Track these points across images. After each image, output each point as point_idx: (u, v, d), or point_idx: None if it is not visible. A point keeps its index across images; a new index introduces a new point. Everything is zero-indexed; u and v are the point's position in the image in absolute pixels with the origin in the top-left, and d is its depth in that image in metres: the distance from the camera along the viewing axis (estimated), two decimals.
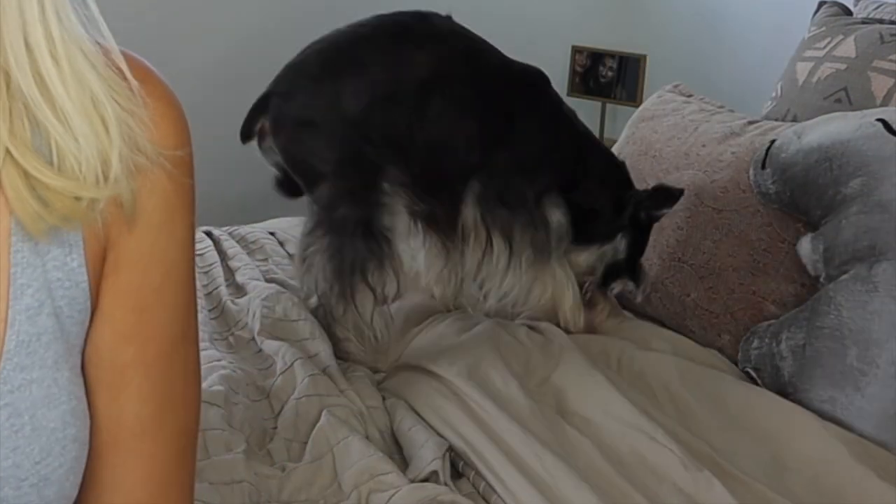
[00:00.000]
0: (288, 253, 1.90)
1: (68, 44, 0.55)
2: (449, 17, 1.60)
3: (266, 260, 1.84)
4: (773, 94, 1.93)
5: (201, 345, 1.50)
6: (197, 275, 1.72)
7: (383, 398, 1.38)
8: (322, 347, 1.47)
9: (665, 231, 1.70)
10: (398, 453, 1.27)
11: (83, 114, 0.56)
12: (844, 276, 1.39)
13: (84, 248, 0.60)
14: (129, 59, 0.61)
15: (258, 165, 2.77)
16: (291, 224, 2.02)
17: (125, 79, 0.58)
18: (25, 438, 0.57)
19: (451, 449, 1.25)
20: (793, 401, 1.40)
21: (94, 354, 0.62)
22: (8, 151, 0.54)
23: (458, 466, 1.25)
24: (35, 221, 0.56)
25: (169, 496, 0.66)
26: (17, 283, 0.57)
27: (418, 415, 1.32)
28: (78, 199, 0.56)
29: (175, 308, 0.64)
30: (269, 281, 1.73)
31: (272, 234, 1.97)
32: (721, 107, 1.89)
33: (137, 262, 0.61)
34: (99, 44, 0.58)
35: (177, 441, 0.65)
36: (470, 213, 1.54)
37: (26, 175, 0.55)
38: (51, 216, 0.56)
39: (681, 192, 1.61)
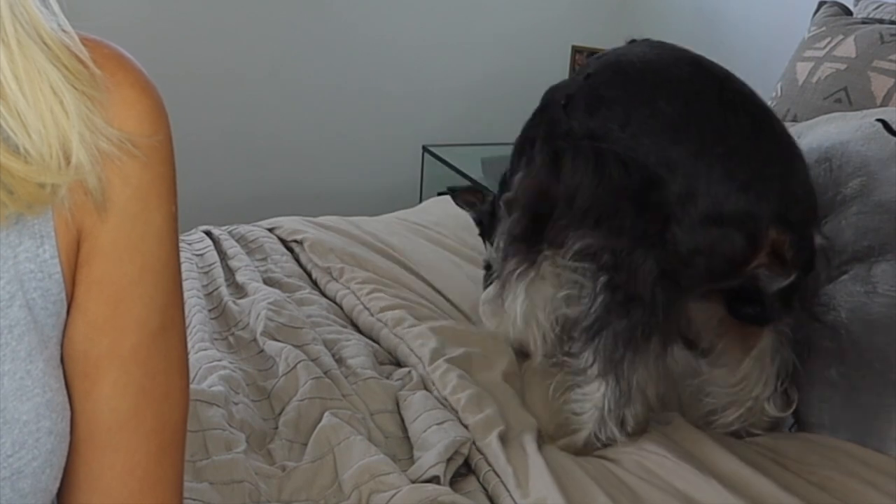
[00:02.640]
0: (288, 249, 1.89)
1: (22, 36, 0.55)
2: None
3: (265, 259, 1.84)
4: (773, 94, 1.93)
5: (201, 345, 1.51)
6: (197, 275, 1.73)
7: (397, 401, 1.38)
8: (324, 352, 1.47)
9: None
10: (403, 455, 1.27)
11: (40, 106, 0.55)
12: (844, 276, 1.39)
13: (56, 240, 0.59)
14: (101, 48, 0.61)
15: (258, 165, 2.78)
16: (292, 222, 2.02)
17: (88, 67, 0.58)
18: None
19: (473, 443, 1.26)
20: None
21: (70, 346, 0.62)
22: None
23: (471, 463, 1.25)
24: None
25: (152, 494, 0.64)
26: None
27: (444, 406, 1.33)
28: (41, 185, 0.56)
29: (153, 301, 0.63)
30: (265, 281, 1.73)
31: (270, 229, 1.97)
32: None
33: (111, 253, 0.61)
34: (64, 32, 0.58)
35: (158, 437, 0.64)
36: None
37: None
38: (14, 203, 0.56)
39: None
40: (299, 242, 1.88)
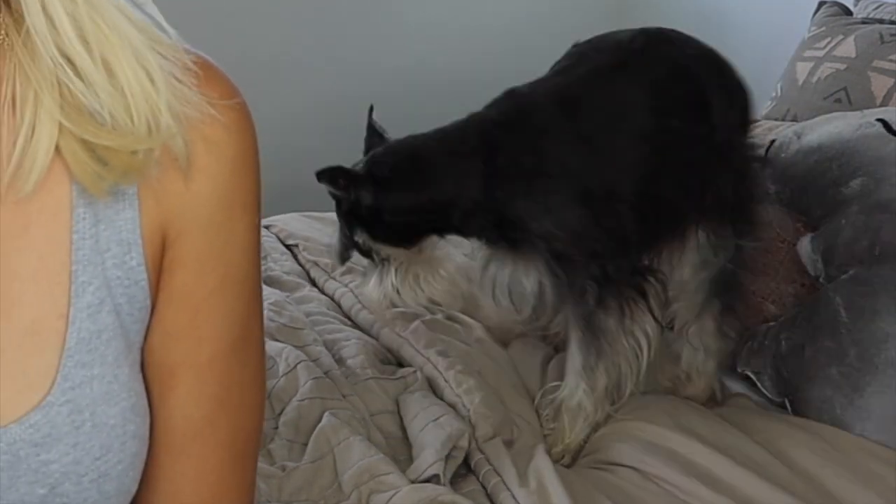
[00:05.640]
0: (289, 249, 1.89)
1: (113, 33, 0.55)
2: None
3: (265, 258, 1.84)
4: (773, 94, 1.94)
5: None
6: None
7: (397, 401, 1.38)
8: (324, 352, 1.47)
9: None
10: (402, 455, 1.27)
11: (126, 68, 0.55)
12: (844, 276, 1.39)
13: (143, 248, 0.59)
14: (202, 63, 0.60)
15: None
16: (289, 220, 2.02)
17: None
18: (86, 434, 0.57)
19: (473, 439, 1.26)
20: (791, 401, 1.40)
21: (147, 352, 0.62)
22: (61, 124, 0.54)
23: (470, 462, 1.25)
24: (95, 182, 0.56)
25: (222, 501, 0.65)
26: (79, 280, 0.57)
27: (446, 403, 1.33)
28: (134, 152, 0.56)
29: (233, 312, 0.62)
30: (265, 280, 1.73)
31: (267, 227, 1.97)
32: None
33: (194, 263, 0.61)
34: (182, 49, 0.59)
35: (231, 447, 0.64)
36: None
37: (83, 140, 0.55)
38: (110, 174, 0.56)
39: None
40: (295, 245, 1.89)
